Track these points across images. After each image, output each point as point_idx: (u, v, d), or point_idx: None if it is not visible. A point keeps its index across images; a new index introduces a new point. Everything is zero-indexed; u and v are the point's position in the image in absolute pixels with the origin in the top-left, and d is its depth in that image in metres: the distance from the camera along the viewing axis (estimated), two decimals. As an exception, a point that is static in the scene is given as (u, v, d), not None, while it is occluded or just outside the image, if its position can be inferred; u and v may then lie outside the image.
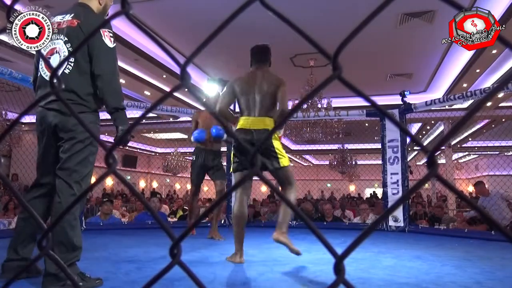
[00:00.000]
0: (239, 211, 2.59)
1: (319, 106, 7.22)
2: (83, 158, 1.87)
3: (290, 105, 3.82)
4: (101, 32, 1.88)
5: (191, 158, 4.27)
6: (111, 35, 1.92)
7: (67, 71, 1.89)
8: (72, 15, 1.93)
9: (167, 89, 9.03)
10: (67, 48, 1.89)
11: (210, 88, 4.68)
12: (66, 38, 1.89)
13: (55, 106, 1.86)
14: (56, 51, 1.90)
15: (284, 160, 2.57)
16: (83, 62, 1.88)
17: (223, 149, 4.61)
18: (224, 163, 4.29)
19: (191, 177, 4.19)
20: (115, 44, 1.95)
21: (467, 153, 17.01)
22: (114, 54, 1.93)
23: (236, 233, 2.60)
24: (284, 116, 2.67)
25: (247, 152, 2.37)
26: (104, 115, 2.02)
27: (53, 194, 1.94)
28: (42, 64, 1.98)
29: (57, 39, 1.90)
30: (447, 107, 6.07)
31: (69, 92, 1.83)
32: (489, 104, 8.87)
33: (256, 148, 0.46)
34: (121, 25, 6.22)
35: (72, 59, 1.87)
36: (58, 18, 1.95)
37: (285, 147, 14.95)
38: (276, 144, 2.56)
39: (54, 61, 1.89)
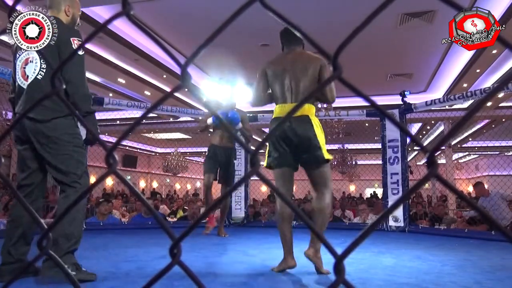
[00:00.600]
0: (283, 207, 2.31)
1: (319, 106, 7.22)
2: (74, 160, 1.98)
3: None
4: (71, 40, 1.99)
5: (191, 158, 4.26)
6: (80, 43, 2.05)
7: (39, 76, 2.00)
8: None
9: (167, 89, 9.03)
10: (39, 56, 2.02)
11: (215, 88, 4.64)
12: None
13: (30, 114, 1.94)
14: (30, 60, 2.03)
15: (326, 152, 2.26)
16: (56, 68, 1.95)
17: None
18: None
19: (204, 170, 4.12)
20: (83, 52, 2.09)
21: (467, 153, 17.01)
22: (82, 61, 2.05)
23: (281, 234, 2.29)
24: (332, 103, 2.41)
25: (286, 145, 2.24)
26: (103, 115, 2.05)
27: (34, 195, 2.04)
28: (19, 74, 2.06)
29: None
30: (447, 107, 6.07)
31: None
32: (489, 104, 8.87)
33: (256, 148, 0.46)
34: (121, 25, 6.23)
35: (44, 66, 1.99)
36: None
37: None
38: (319, 134, 2.26)
39: (29, 69, 2.02)
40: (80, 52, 2.03)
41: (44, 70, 2.00)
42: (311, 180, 2.31)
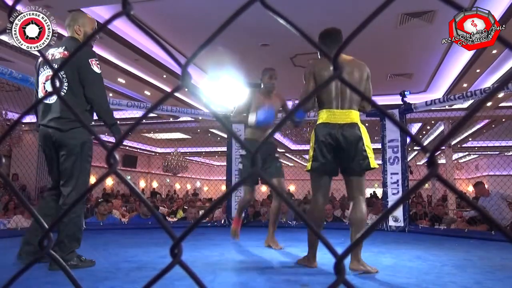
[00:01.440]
0: (312, 208, 2.33)
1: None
2: (82, 167, 2.27)
3: (290, 105, 3.73)
4: (90, 61, 2.25)
5: (191, 158, 4.08)
6: (98, 62, 2.31)
7: (61, 93, 2.15)
8: (64, 47, 2.32)
9: (167, 89, 9.03)
10: (61, 75, 2.22)
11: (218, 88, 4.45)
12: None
13: (53, 124, 2.20)
14: (51, 77, 2.18)
15: (373, 161, 2.29)
16: (76, 86, 2.25)
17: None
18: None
19: (240, 176, 3.63)
20: (101, 70, 2.33)
21: (467, 153, 17.00)
22: (101, 79, 2.33)
23: (310, 237, 2.33)
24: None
25: (339, 151, 2.22)
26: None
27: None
28: (39, 89, 2.30)
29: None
30: (447, 107, 6.07)
31: (66, 111, 2.18)
32: (489, 104, 8.87)
33: (257, 148, 0.46)
34: (121, 25, 6.22)
35: (65, 85, 2.23)
36: (52, 51, 2.31)
37: (285, 147, 14.95)
38: (366, 139, 2.28)
39: (50, 86, 2.14)
40: (98, 71, 2.29)
41: (66, 88, 2.22)
42: (349, 187, 2.32)
